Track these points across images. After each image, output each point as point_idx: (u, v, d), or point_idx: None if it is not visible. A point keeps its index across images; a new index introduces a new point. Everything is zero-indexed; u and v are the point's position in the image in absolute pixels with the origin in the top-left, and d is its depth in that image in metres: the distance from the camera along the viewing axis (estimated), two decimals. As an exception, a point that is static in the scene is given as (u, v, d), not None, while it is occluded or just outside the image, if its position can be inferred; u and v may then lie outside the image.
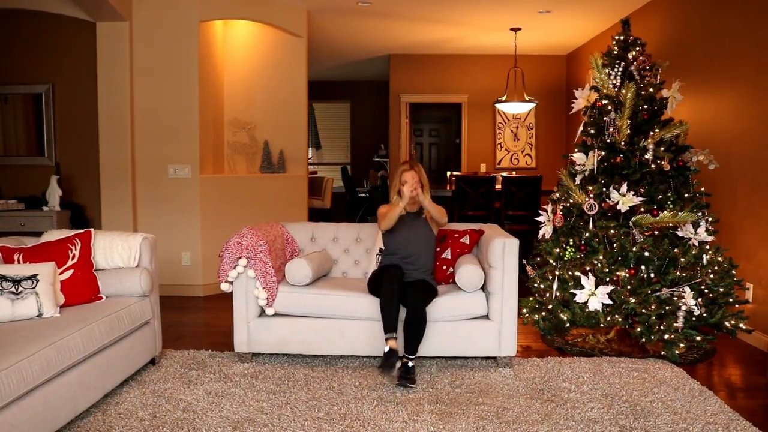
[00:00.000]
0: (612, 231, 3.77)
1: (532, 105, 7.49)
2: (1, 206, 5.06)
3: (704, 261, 3.74)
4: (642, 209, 3.77)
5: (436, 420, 2.79)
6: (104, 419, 2.77)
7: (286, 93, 6.09)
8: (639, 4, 5.66)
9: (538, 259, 4.18)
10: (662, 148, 3.88)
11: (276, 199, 5.83)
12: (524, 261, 4.13)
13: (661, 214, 3.66)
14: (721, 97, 4.45)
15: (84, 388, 2.71)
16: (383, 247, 3.77)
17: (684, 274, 3.69)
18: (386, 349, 3.19)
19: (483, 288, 3.54)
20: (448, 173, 8.12)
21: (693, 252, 3.73)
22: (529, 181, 6.22)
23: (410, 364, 3.24)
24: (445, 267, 3.74)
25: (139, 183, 5.35)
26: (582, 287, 3.71)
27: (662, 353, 3.63)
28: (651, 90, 3.98)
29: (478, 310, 3.48)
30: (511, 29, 6.87)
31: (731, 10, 4.32)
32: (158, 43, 5.26)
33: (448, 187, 7.21)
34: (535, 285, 4.07)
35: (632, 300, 3.63)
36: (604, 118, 3.99)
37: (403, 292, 3.35)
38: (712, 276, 3.73)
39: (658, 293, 3.65)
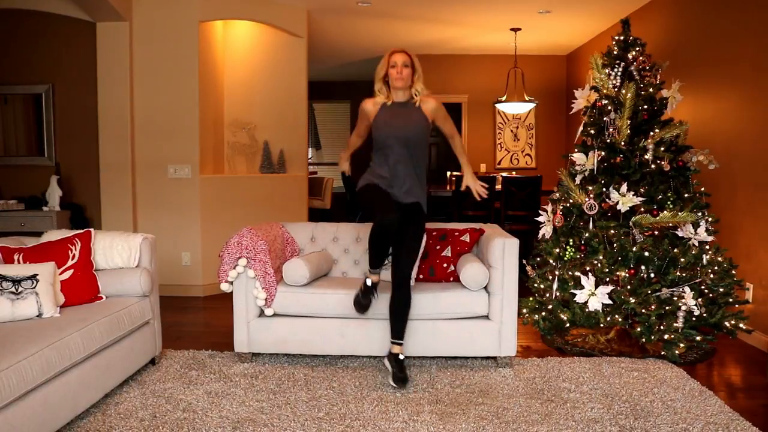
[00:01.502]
0: (612, 231, 3.77)
1: (532, 105, 7.50)
2: (1, 206, 5.06)
3: (704, 261, 3.74)
4: (642, 209, 3.77)
5: (436, 420, 2.79)
6: (104, 419, 2.77)
7: (286, 93, 6.09)
8: (639, 4, 5.66)
9: (538, 259, 4.18)
10: (662, 148, 3.88)
11: (276, 199, 5.83)
12: (524, 261, 4.14)
13: (661, 214, 3.66)
14: (721, 97, 4.45)
15: (84, 388, 2.71)
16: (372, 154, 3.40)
17: (684, 274, 3.69)
18: (368, 282, 3.18)
19: (484, 287, 3.54)
20: (448, 173, 8.11)
21: (693, 252, 3.73)
22: (529, 181, 6.22)
23: (401, 356, 3.22)
24: (445, 265, 3.74)
25: (139, 183, 5.35)
26: (582, 287, 3.71)
27: (662, 353, 3.63)
28: (651, 90, 3.98)
29: (480, 309, 3.48)
30: (511, 29, 6.88)
31: (731, 10, 4.32)
32: (158, 43, 5.26)
33: (447, 187, 7.21)
34: (535, 285, 4.07)
35: (632, 300, 3.63)
36: (604, 118, 3.99)
37: (400, 213, 3.14)
38: (712, 276, 3.73)
39: (658, 293, 3.65)
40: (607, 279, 3.73)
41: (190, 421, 2.76)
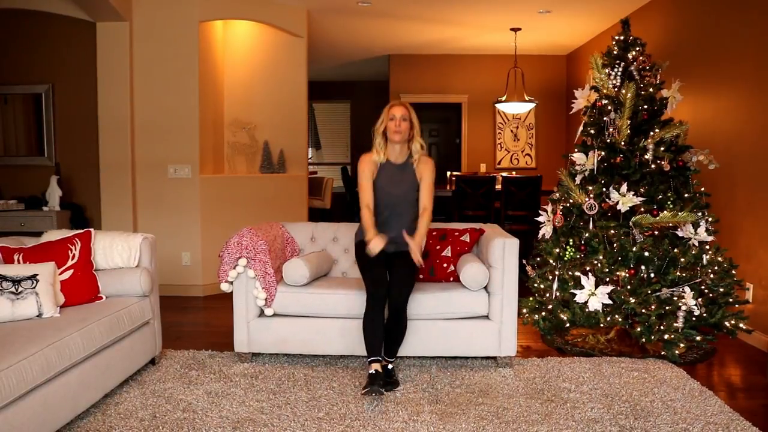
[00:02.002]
0: (612, 231, 3.77)
1: (532, 105, 7.49)
2: (1, 206, 5.06)
3: (704, 261, 3.74)
4: (642, 209, 3.77)
5: (436, 420, 2.79)
6: (104, 419, 2.77)
7: (286, 93, 6.09)
8: (639, 4, 5.66)
9: (538, 259, 4.18)
10: (662, 148, 3.88)
11: (276, 199, 5.83)
12: (524, 261, 4.13)
13: (661, 214, 3.66)
14: (721, 97, 4.45)
15: (84, 388, 2.71)
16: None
17: (684, 274, 3.69)
18: (371, 371, 3.03)
19: (484, 287, 3.54)
20: (448, 173, 8.12)
21: (693, 252, 3.73)
22: (529, 181, 6.22)
23: (390, 366, 3.21)
24: (445, 265, 3.74)
25: (139, 183, 5.35)
26: (582, 287, 3.71)
27: (662, 353, 3.63)
28: (651, 90, 3.98)
29: (480, 309, 3.48)
30: (511, 29, 6.87)
31: (731, 10, 4.32)
32: (158, 43, 5.26)
33: (448, 187, 7.21)
34: (535, 285, 4.07)
35: (632, 300, 3.63)
36: (604, 118, 3.99)
37: (388, 262, 3.25)
38: (712, 276, 3.73)
39: (658, 293, 3.65)
40: (607, 279, 3.73)
41: (190, 421, 2.76)
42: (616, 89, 3.97)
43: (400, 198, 3.40)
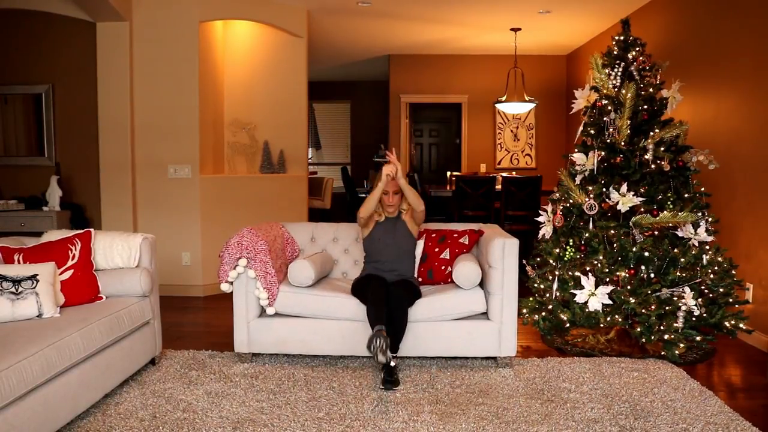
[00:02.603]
0: (612, 231, 3.77)
1: (532, 105, 7.50)
2: (1, 206, 5.06)
3: (704, 261, 3.74)
4: (642, 209, 3.77)
5: (436, 420, 2.79)
6: (104, 419, 2.77)
7: (286, 93, 6.09)
8: (639, 4, 5.67)
9: (538, 259, 4.18)
10: (662, 149, 3.88)
11: (276, 199, 5.83)
12: (524, 261, 4.13)
13: (661, 215, 3.66)
14: (721, 97, 4.45)
15: (84, 388, 2.71)
16: (365, 254, 3.83)
17: (684, 275, 3.69)
18: (375, 329, 3.21)
19: (482, 286, 3.54)
20: (448, 173, 8.12)
21: (693, 252, 3.73)
22: (529, 181, 6.22)
23: (392, 363, 3.22)
24: (443, 267, 3.74)
25: (139, 183, 5.35)
26: (582, 287, 3.71)
27: (662, 353, 3.63)
28: (651, 90, 3.98)
29: (476, 307, 3.48)
30: (511, 29, 6.88)
31: (731, 10, 4.32)
32: (158, 43, 5.26)
33: (448, 188, 7.21)
34: (535, 285, 4.07)
35: (632, 300, 3.63)
36: (604, 118, 3.99)
37: (387, 290, 3.39)
38: (712, 276, 3.73)
39: (658, 293, 3.65)
40: (607, 279, 3.73)
41: (190, 421, 2.76)
42: (616, 89, 3.97)
43: (398, 248, 3.70)
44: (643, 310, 3.62)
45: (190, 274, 5.41)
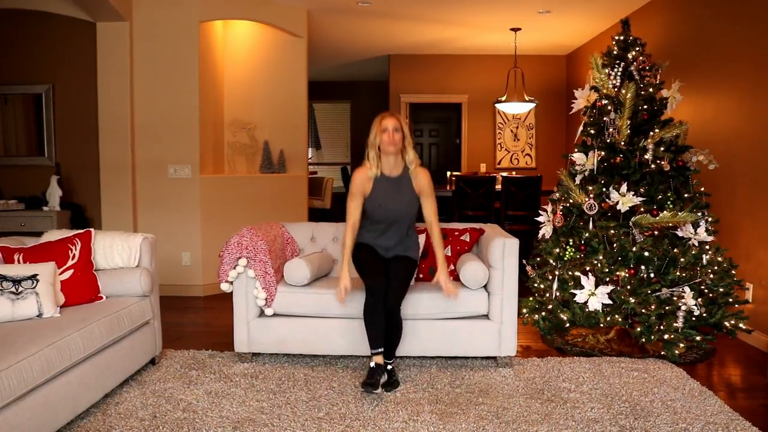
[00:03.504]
0: (612, 231, 3.77)
1: (532, 105, 7.50)
2: (1, 206, 5.06)
3: (704, 261, 3.74)
4: (642, 209, 3.77)
5: (436, 420, 2.79)
6: (104, 419, 2.77)
7: (286, 93, 6.09)
8: (639, 4, 5.67)
9: (538, 259, 4.18)
10: (662, 148, 3.88)
11: (276, 199, 5.83)
12: (524, 261, 4.14)
13: (661, 214, 3.66)
14: (721, 97, 4.45)
15: (84, 388, 2.71)
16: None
17: (684, 274, 3.69)
18: (372, 364, 3.12)
19: (483, 286, 3.54)
20: (448, 173, 8.12)
21: (693, 252, 3.73)
22: (529, 181, 6.22)
23: (389, 366, 3.22)
24: (445, 266, 3.74)
25: (139, 183, 5.35)
26: (582, 287, 3.71)
27: (662, 353, 3.63)
28: (651, 90, 3.98)
29: (479, 307, 3.48)
30: (511, 29, 6.88)
31: (731, 10, 4.32)
32: (158, 43, 5.26)
33: (448, 187, 7.21)
34: (535, 285, 4.07)
35: (632, 300, 3.63)
36: (604, 118, 3.99)
37: (386, 265, 3.31)
38: (712, 276, 3.73)
39: (658, 293, 3.65)
40: (607, 279, 3.73)
41: (190, 421, 2.76)
42: (616, 89, 3.97)
43: (399, 212, 3.39)
44: (643, 310, 3.62)
45: (190, 274, 5.41)
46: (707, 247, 3.79)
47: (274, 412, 2.87)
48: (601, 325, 3.75)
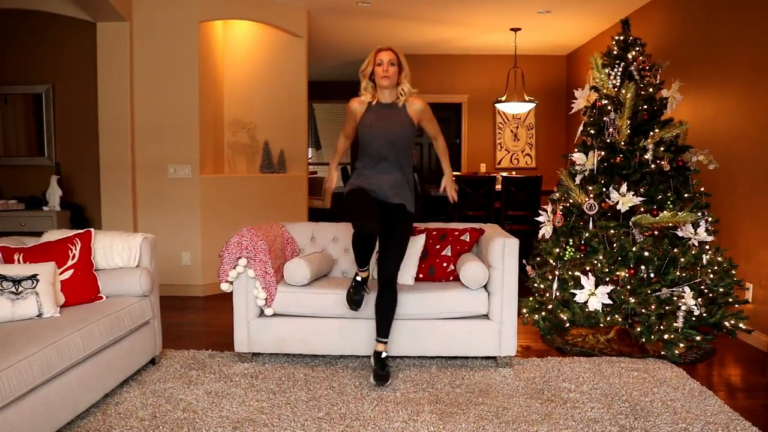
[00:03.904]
0: (612, 231, 3.77)
1: (532, 105, 7.50)
2: (1, 206, 5.06)
3: (704, 261, 3.74)
4: (642, 209, 3.77)
5: (436, 420, 2.79)
6: (104, 419, 2.77)
7: (286, 93, 6.09)
8: (639, 4, 5.66)
9: (538, 259, 4.18)
10: (662, 148, 3.88)
11: (276, 199, 5.83)
12: (524, 261, 4.14)
13: (660, 214, 3.66)
14: (721, 97, 4.45)
15: (84, 388, 2.71)
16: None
17: (684, 274, 3.69)
18: (358, 278, 3.18)
19: (484, 286, 3.54)
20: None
21: (693, 252, 3.73)
22: (529, 181, 6.22)
23: (383, 354, 3.23)
24: (445, 264, 3.74)
25: (139, 183, 5.35)
26: (582, 287, 3.71)
27: (662, 353, 3.63)
28: (651, 90, 3.98)
29: (479, 308, 3.48)
30: (511, 29, 6.88)
31: (731, 10, 4.32)
32: (158, 43, 5.26)
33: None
34: (535, 285, 4.07)
35: (632, 300, 3.63)
36: (604, 118, 3.99)
37: (383, 214, 3.21)
38: (711, 276, 3.73)
39: (658, 293, 3.65)
40: (607, 279, 3.73)
41: (190, 421, 2.76)
42: (616, 89, 3.97)
43: (392, 135, 3.27)
44: (643, 310, 3.62)
45: (190, 274, 5.41)
46: (707, 247, 3.79)
47: (274, 412, 2.87)
48: (601, 325, 3.75)
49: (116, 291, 3.29)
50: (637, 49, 4.05)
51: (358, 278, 3.26)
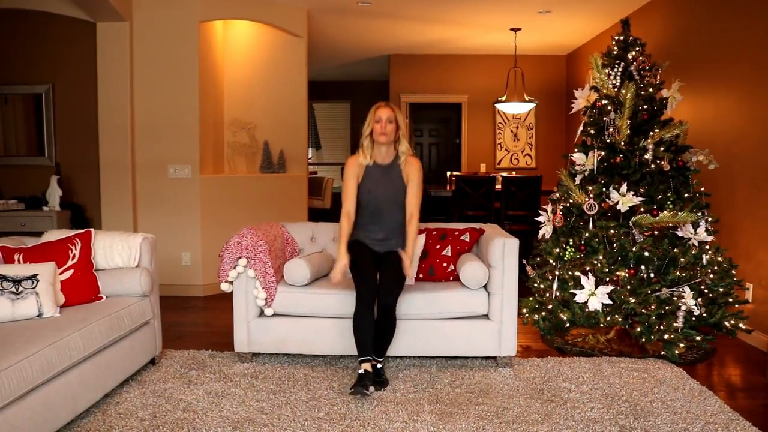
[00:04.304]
0: (612, 231, 3.77)
1: (532, 105, 7.50)
2: (2, 206, 5.06)
3: (704, 261, 3.75)
4: (642, 209, 3.77)
5: (436, 420, 2.79)
6: (104, 419, 2.77)
7: (286, 93, 6.09)
8: (639, 4, 5.67)
9: (538, 259, 4.18)
10: (662, 148, 3.88)
11: (276, 199, 5.83)
12: (524, 261, 4.14)
13: (660, 214, 3.66)
14: (721, 97, 4.45)
15: (84, 388, 2.71)
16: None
17: (684, 274, 3.69)
18: (361, 371, 3.07)
19: (484, 286, 3.54)
20: (448, 173, 8.12)
21: (693, 252, 3.73)
22: (529, 181, 6.22)
23: (379, 365, 3.21)
24: (445, 264, 3.74)
25: (139, 183, 5.35)
26: (582, 287, 3.71)
27: (662, 353, 3.63)
28: (651, 90, 3.98)
29: (479, 308, 3.48)
30: (511, 29, 6.88)
31: (731, 10, 4.32)
32: (158, 43, 5.26)
33: (448, 187, 7.21)
34: (535, 285, 4.07)
35: (632, 300, 3.63)
36: (604, 118, 3.99)
37: (378, 261, 3.34)
38: (711, 276, 3.73)
39: (658, 293, 3.65)
40: (607, 279, 3.73)
41: (190, 421, 2.76)
42: (616, 89, 3.97)
43: (388, 200, 3.46)
44: (643, 310, 3.62)
45: (190, 274, 5.41)
46: (707, 247, 3.79)
47: (274, 412, 2.87)
48: (601, 325, 3.75)
49: (116, 291, 3.29)
50: (637, 49, 4.05)
51: (361, 371, 3.07)
